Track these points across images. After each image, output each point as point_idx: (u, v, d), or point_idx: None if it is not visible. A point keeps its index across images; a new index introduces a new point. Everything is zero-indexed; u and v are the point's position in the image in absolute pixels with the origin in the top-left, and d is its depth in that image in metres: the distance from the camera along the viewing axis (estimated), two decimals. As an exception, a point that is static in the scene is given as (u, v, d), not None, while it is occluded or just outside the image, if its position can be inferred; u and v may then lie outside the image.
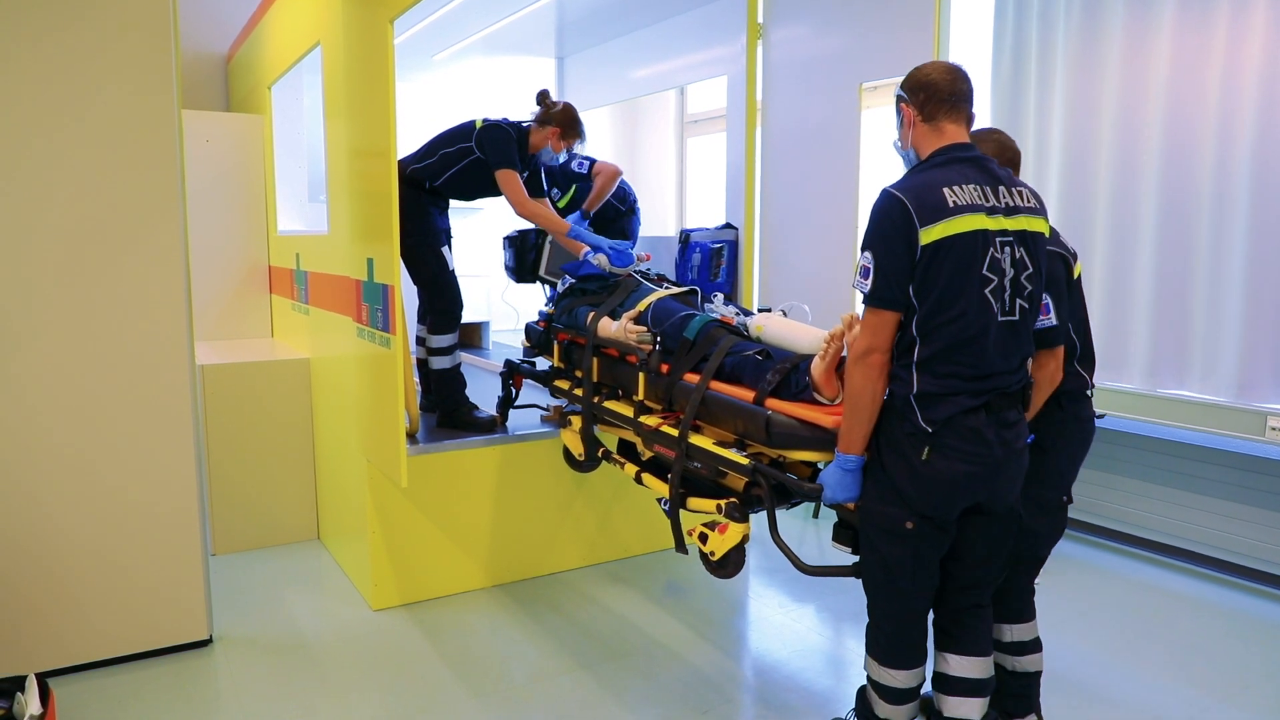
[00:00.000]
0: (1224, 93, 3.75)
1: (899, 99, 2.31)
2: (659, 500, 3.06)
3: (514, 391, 3.97)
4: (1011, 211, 2.16)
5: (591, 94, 6.30)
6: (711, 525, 2.69)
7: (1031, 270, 2.19)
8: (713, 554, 2.69)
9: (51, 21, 2.84)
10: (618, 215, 4.78)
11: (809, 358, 2.56)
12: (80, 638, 3.08)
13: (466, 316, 4.11)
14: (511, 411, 3.98)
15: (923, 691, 2.42)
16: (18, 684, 2.55)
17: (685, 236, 4.70)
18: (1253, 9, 3.63)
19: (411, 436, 3.65)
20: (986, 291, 2.12)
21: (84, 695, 2.95)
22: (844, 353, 2.44)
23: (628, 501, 4.14)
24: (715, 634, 3.46)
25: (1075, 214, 4.32)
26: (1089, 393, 2.63)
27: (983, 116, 4.74)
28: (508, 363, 3.98)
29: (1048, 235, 2.28)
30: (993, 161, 2.25)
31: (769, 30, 4.35)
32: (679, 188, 7.12)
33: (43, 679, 2.59)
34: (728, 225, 4.56)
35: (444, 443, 3.71)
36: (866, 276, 2.16)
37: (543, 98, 3.98)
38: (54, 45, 2.85)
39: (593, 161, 4.69)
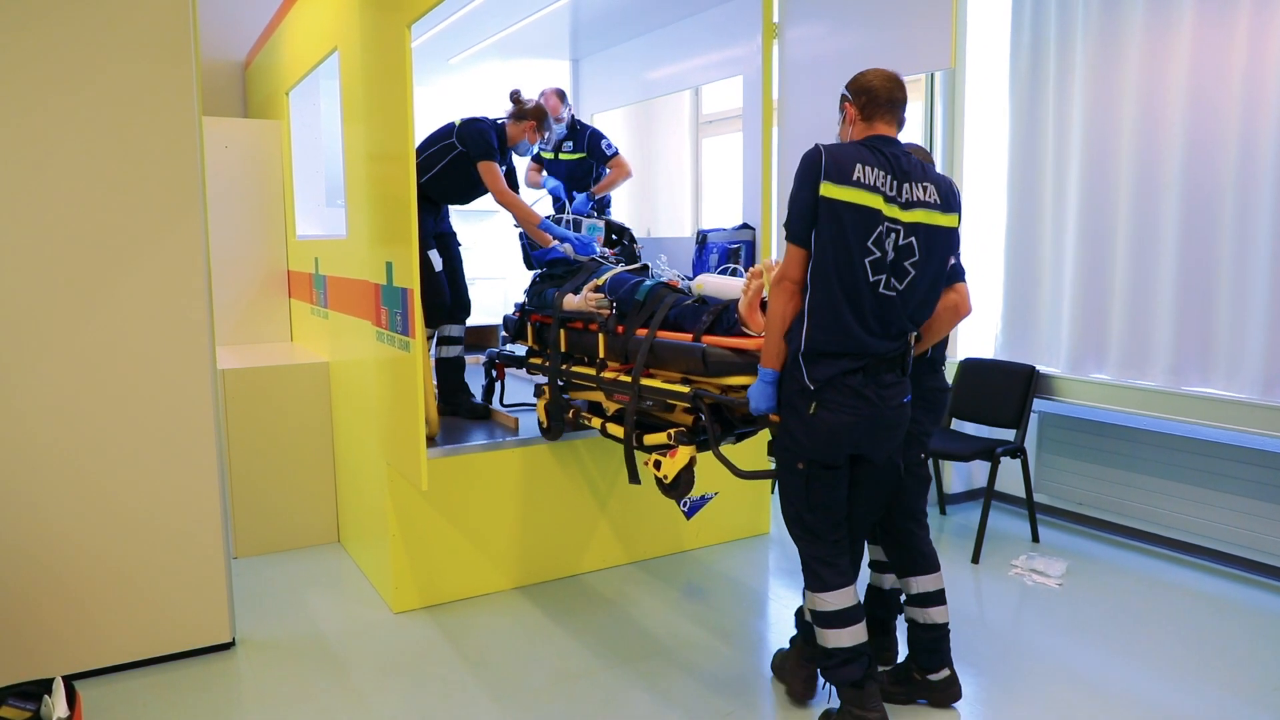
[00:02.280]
0: (1246, 86, 3.70)
1: (844, 98, 2.66)
2: (681, 503, 3.07)
3: (497, 379, 4.36)
4: (909, 205, 2.50)
5: (606, 96, 6.30)
6: (664, 453, 3.08)
7: (918, 257, 2.51)
8: (665, 477, 3.09)
9: (72, 31, 2.87)
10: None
11: (739, 301, 2.94)
12: (106, 641, 3.10)
13: (482, 319, 4.21)
14: (528, 416, 4.01)
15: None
16: (45, 687, 2.57)
17: (702, 237, 4.70)
18: (1275, 1, 3.59)
19: (431, 440, 3.66)
20: (867, 261, 2.46)
21: (110, 698, 2.97)
22: (764, 292, 2.78)
23: (647, 504, 4.14)
24: (735, 636, 3.45)
25: (1096, 210, 4.29)
26: (934, 361, 2.98)
27: (1000, 113, 4.73)
28: (489, 352, 4.37)
29: (952, 228, 2.60)
30: (913, 159, 2.55)
31: (784, 29, 4.33)
32: (694, 188, 7.11)
33: (69, 682, 2.61)
34: (744, 225, 4.55)
35: (464, 445, 3.72)
36: (787, 213, 2.56)
37: (515, 97, 4.36)
38: (75, 55, 2.88)
39: (617, 152, 5.11)
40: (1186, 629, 3.48)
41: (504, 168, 4.25)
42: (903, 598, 2.99)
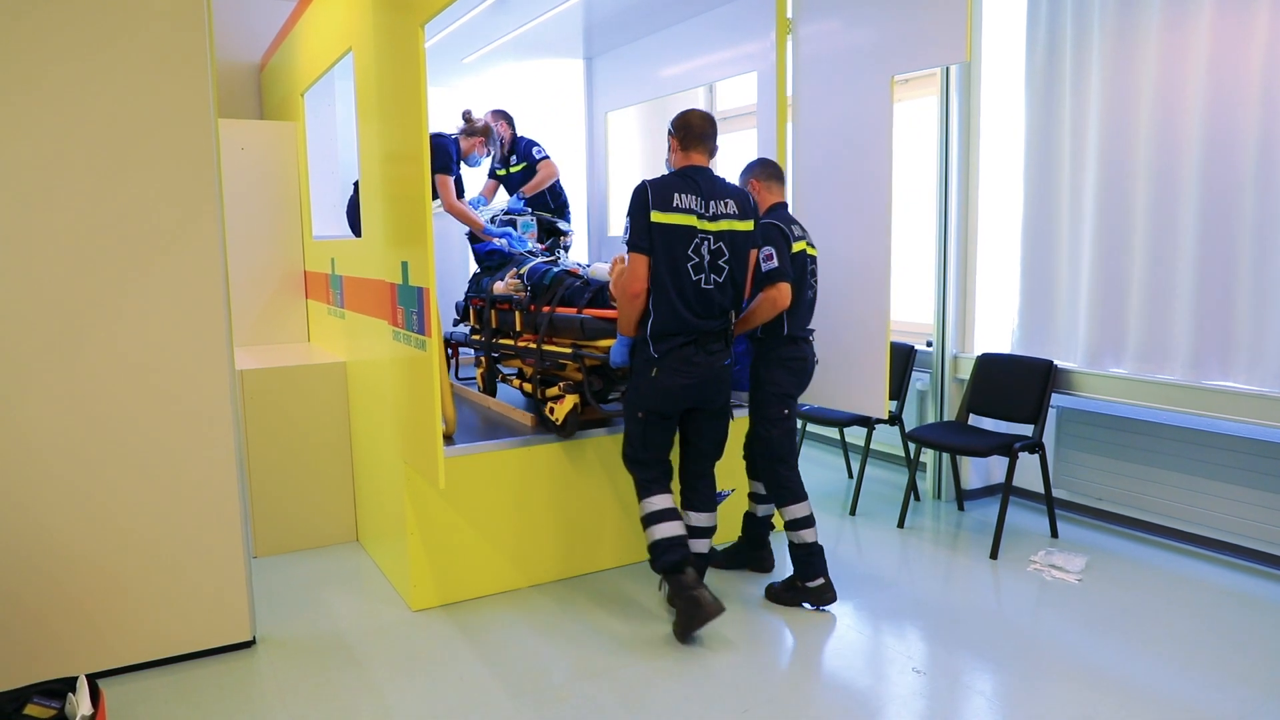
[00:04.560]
0: (1265, 79, 3.66)
1: (669, 132, 3.42)
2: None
3: (451, 358, 4.90)
4: (715, 218, 3.30)
5: (620, 93, 6.30)
6: (556, 400, 3.85)
7: (728, 256, 3.32)
8: (556, 420, 3.83)
9: (90, 34, 2.89)
10: (545, 208, 5.57)
11: (610, 281, 3.76)
12: (128, 640, 3.13)
13: None
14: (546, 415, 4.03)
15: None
16: (69, 685, 2.60)
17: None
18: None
19: (448, 438, 3.67)
20: (689, 266, 3.26)
21: (132, 696, 3.00)
22: None
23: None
24: (752, 632, 3.44)
25: (1114, 203, 4.25)
26: (793, 337, 3.65)
27: (1015, 107, 4.70)
28: (444, 336, 4.82)
29: (749, 231, 3.39)
30: (716, 182, 3.34)
31: (798, 25, 4.32)
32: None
33: (93, 680, 2.63)
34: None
35: (481, 444, 3.73)
36: (627, 232, 3.27)
37: (467, 116, 5.11)
38: (92, 57, 2.90)
39: (547, 156, 5.56)
40: (1207, 624, 3.46)
41: (454, 177, 4.97)
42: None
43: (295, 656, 3.29)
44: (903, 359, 4.95)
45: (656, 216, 3.21)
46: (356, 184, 4.74)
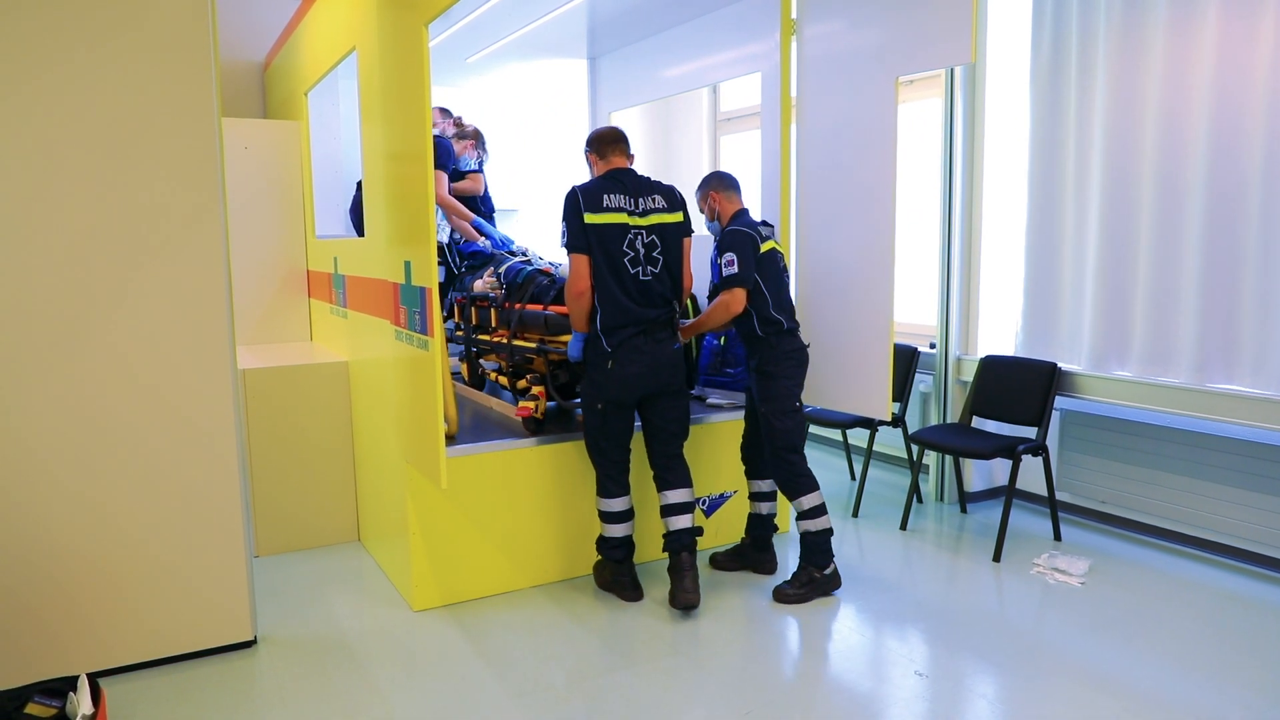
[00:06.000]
0: (1272, 80, 3.65)
1: (586, 153, 3.73)
2: (701, 501, 3.05)
3: None
4: (644, 213, 3.53)
5: (624, 94, 6.28)
6: (535, 401, 3.99)
7: (661, 247, 3.56)
8: (541, 417, 3.96)
9: (94, 33, 2.89)
10: (480, 215, 5.67)
11: None
12: (129, 639, 3.13)
13: None
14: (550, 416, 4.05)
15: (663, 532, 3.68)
16: (70, 684, 2.60)
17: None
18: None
19: (450, 438, 3.67)
20: (626, 260, 3.48)
21: (133, 695, 3.00)
22: None
23: (665, 501, 4.13)
24: (754, 634, 3.44)
25: (1118, 205, 4.24)
26: (791, 330, 3.75)
27: (1021, 109, 4.69)
28: None
29: (679, 222, 3.62)
30: (643, 180, 3.59)
31: (802, 26, 4.31)
32: (712, 186, 7.09)
33: (94, 679, 2.63)
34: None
35: (483, 444, 3.73)
36: (564, 236, 3.50)
37: (458, 121, 5.54)
38: (96, 56, 2.90)
39: (479, 171, 5.74)
40: (1211, 628, 3.45)
41: (448, 174, 5.18)
42: (793, 515, 3.81)
43: (296, 656, 3.29)
44: (906, 361, 4.94)
45: (589, 218, 3.43)
46: (360, 183, 4.75)
